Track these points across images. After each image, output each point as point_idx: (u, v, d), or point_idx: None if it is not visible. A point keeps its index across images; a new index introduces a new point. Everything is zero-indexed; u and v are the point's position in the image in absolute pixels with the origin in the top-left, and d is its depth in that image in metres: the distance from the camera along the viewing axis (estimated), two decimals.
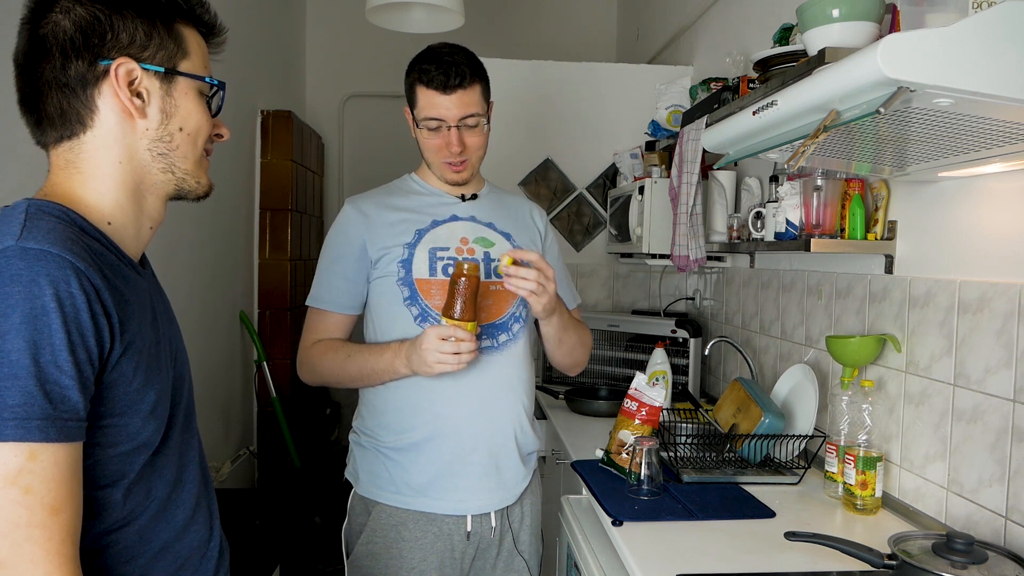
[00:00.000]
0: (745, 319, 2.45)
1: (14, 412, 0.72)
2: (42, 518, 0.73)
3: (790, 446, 1.80)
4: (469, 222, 1.63)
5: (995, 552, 1.14)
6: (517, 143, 3.15)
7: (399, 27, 2.53)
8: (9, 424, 0.72)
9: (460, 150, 1.55)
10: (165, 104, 0.91)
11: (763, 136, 1.33)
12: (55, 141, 0.90)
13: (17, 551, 0.72)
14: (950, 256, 1.47)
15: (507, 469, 1.59)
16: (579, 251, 3.26)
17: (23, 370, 0.73)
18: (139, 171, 0.91)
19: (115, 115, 0.89)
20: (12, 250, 0.76)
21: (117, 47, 0.87)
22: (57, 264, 0.77)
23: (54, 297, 0.76)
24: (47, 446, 0.74)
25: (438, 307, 1.53)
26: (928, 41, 0.92)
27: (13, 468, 0.72)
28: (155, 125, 0.91)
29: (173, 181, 0.94)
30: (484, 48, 1.89)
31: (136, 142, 0.90)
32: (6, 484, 0.72)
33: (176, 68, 0.91)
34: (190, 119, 0.93)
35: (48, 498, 0.74)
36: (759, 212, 1.90)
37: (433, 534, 1.54)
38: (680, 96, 2.91)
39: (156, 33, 0.89)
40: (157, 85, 0.90)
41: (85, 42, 0.86)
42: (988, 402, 1.35)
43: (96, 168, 0.89)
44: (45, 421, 0.74)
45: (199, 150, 0.96)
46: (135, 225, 0.93)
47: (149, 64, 0.89)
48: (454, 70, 1.51)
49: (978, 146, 1.15)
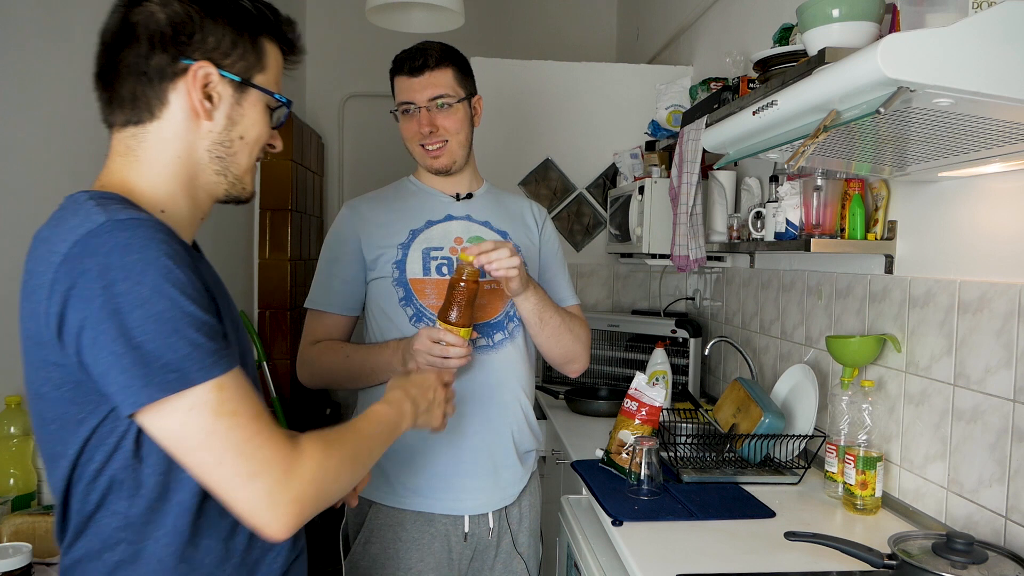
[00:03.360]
0: (745, 319, 2.45)
1: (191, 358, 0.80)
2: (254, 427, 0.84)
3: (790, 446, 1.80)
4: (464, 221, 1.63)
5: (995, 552, 1.14)
6: (517, 143, 3.15)
7: (399, 27, 2.53)
8: (190, 369, 0.80)
9: (430, 131, 1.56)
10: (233, 111, 0.95)
11: (763, 136, 1.33)
12: (121, 124, 0.93)
13: (255, 459, 0.83)
14: (950, 256, 1.47)
15: (504, 469, 1.59)
16: (579, 251, 3.26)
17: (179, 323, 0.80)
18: (194, 168, 0.95)
19: (183, 112, 0.92)
20: (108, 224, 0.81)
21: (202, 49, 0.91)
22: (152, 227, 0.83)
23: (167, 254, 0.82)
24: (226, 375, 0.83)
25: (433, 307, 1.53)
26: (928, 41, 0.92)
27: (214, 402, 0.82)
28: (219, 129, 0.94)
29: (224, 184, 0.98)
30: (484, 48, 1.89)
31: (197, 141, 0.94)
32: (216, 416, 0.82)
33: (251, 80, 0.95)
34: (252, 129, 0.97)
35: (250, 411, 0.84)
36: (759, 212, 1.90)
37: (430, 535, 1.54)
38: (680, 96, 2.91)
39: (241, 43, 0.93)
40: (230, 92, 0.94)
41: (174, 38, 0.89)
42: (988, 402, 1.35)
43: (155, 158, 0.92)
44: (214, 356, 0.82)
45: (253, 159, 0.99)
46: (188, 217, 0.97)
47: (227, 71, 0.93)
48: (420, 54, 1.55)
49: (978, 146, 1.15)
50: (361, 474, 0.99)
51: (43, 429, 0.89)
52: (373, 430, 1.02)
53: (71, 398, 0.84)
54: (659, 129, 2.92)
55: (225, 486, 0.83)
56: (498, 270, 1.41)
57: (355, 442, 0.97)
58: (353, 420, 1.02)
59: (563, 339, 1.61)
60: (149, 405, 0.80)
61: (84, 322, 0.80)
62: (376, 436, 1.03)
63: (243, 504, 0.84)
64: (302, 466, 0.86)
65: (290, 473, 0.85)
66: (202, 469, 0.84)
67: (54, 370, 0.84)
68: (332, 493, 0.91)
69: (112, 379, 0.80)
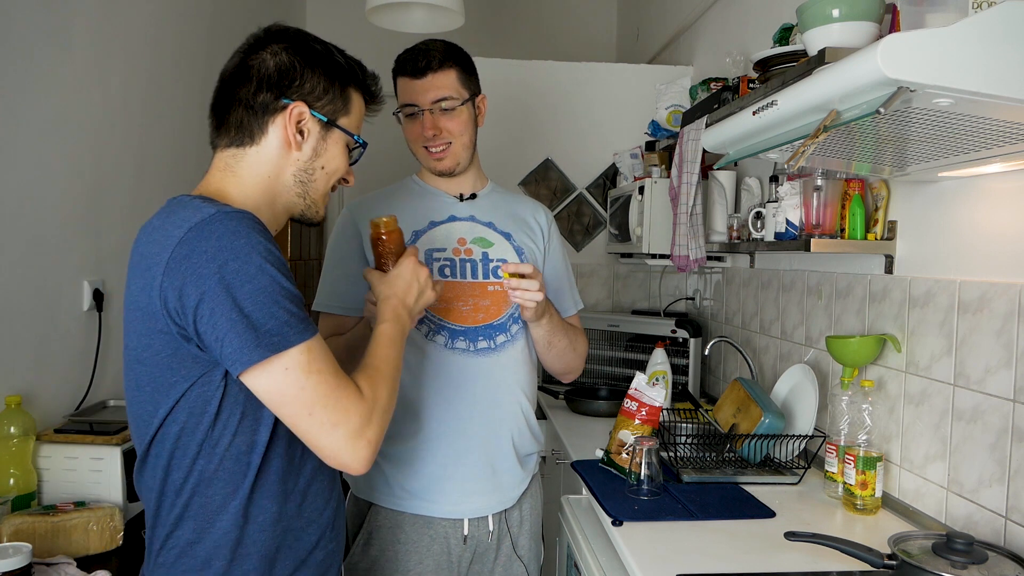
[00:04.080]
0: (745, 319, 2.45)
1: (288, 324, 0.97)
2: (336, 380, 1.01)
3: (790, 446, 1.80)
4: (468, 222, 1.62)
5: (995, 552, 1.14)
6: (517, 143, 3.15)
7: (399, 27, 2.53)
8: (289, 335, 0.97)
9: (433, 133, 1.54)
10: (318, 145, 1.13)
11: (763, 136, 1.33)
12: (225, 145, 1.11)
13: (338, 408, 1.00)
14: (950, 256, 1.47)
15: (504, 472, 1.58)
16: (579, 251, 3.26)
17: (278, 295, 0.97)
18: (279, 188, 1.13)
19: (278, 141, 1.10)
20: (219, 214, 0.98)
21: (299, 92, 1.10)
22: (252, 218, 1.00)
23: (267, 239, 0.99)
24: (313, 339, 1.00)
25: (435, 308, 1.53)
26: (928, 41, 0.92)
27: (304, 361, 0.98)
28: (305, 158, 1.13)
29: (301, 205, 1.15)
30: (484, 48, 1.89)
31: (286, 166, 1.12)
32: (308, 373, 0.98)
33: (336, 121, 1.14)
34: (332, 162, 1.15)
35: (331, 367, 1.01)
36: (759, 212, 1.90)
37: (430, 537, 1.54)
38: (680, 96, 2.91)
39: (332, 90, 1.13)
40: (317, 129, 1.12)
41: (279, 81, 1.09)
42: (988, 402, 1.35)
43: (249, 176, 1.11)
44: (304, 323, 0.99)
45: (328, 188, 1.18)
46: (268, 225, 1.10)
47: (317, 112, 1.12)
48: (424, 55, 1.54)
49: (978, 146, 1.15)
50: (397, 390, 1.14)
51: (138, 392, 1.04)
52: (391, 351, 1.16)
53: (168, 364, 1.00)
54: (659, 129, 2.92)
55: (315, 432, 1.00)
56: (518, 297, 1.46)
57: (386, 370, 1.12)
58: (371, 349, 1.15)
59: (566, 357, 1.66)
60: (257, 364, 0.96)
61: (202, 296, 0.95)
62: (395, 354, 1.16)
63: (328, 449, 1.01)
64: (370, 411, 1.03)
65: (364, 419, 1.02)
66: (296, 419, 1.00)
67: (158, 338, 0.99)
68: (388, 420, 1.08)
69: (228, 343, 0.95)
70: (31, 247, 1.72)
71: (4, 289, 1.63)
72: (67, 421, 1.73)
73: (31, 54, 1.71)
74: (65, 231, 1.85)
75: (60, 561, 1.39)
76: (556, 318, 1.60)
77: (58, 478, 1.60)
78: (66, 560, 1.39)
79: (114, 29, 2.06)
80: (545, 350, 1.63)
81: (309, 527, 1.12)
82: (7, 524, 1.43)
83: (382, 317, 1.21)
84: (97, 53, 1.98)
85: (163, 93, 2.38)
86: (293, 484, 1.09)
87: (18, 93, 1.67)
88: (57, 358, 1.81)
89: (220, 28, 2.84)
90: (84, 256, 1.92)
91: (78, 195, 1.90)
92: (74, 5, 1.87)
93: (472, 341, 1.54)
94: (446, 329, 1.53)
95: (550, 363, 1.68)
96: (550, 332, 1.58)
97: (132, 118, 2.18)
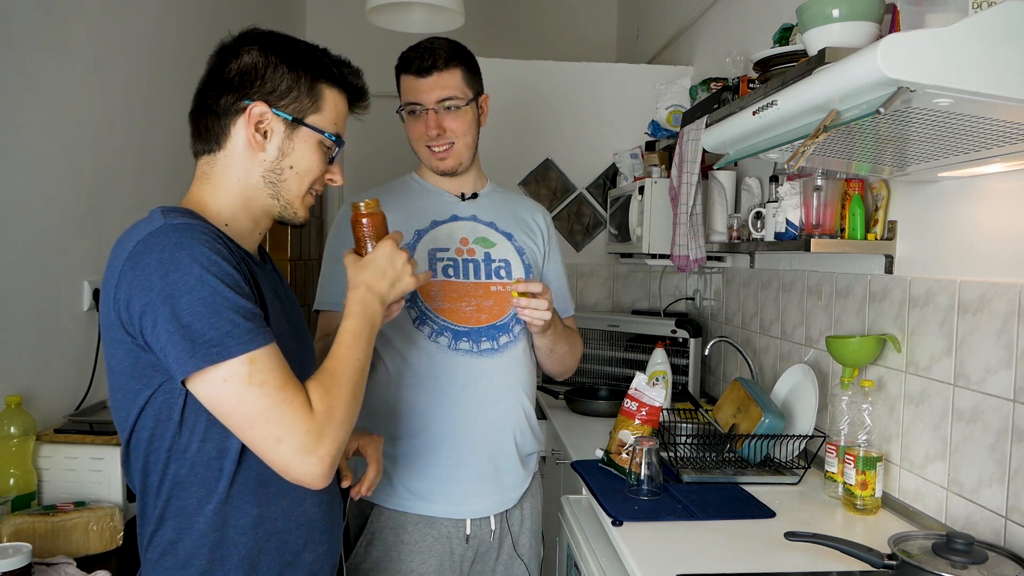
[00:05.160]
0: (745, 319, 2.45)
1: (229, 335, 0.95)
2: (281, 393, 0.98)
3: (790, 446, 1.80)
4: (470, 222, 1.62)
5: (995, 552, 1.14)
6: (517, 143, 3.15)
7: (399, 27, 2.53)
8: (229, 345, 0.95)
9: (437, 133, 1.54)
10: (284, 145, 1.11)
11: (763, 136, 1.33)
12: (200, 152, 1.13)
13: (281, 423, 0.97)
14: (950, 256, 1.47)
15: (506, 472, 1.58)
16: (579, 251, 3.26)
17: (221, 306, 0.96)
18: (251, 191, 1.12)
19: (242, 143, 1.10)
20: (164, 227, 0.99)
21: (261, 92, 1.08)
22: (200, 229, 1.00)
23: (213, 250, 0.98)
24: (259, 350, 0.97)
25: (438, 309, 1.53)
26: (928, 41, 0.92)
27: (245, 373, 0.96)
28: (271, 159, 1.11)
29: (277, 207, 1.14)
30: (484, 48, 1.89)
31: (253, 168, 1.11)
32: (248, 385, 0.96)
33: (303, 119, 1.11)
34: (302, 162, 1.12)
35: (277, 382, 0.98)
36: (759, 212, 1.90)
37: (432, 537, 1.54)
38: (680, 96, 2.91)
39: (297, 88, 1.10)
40: (282, 128, 1.10)
41: (240, 83, 1.09)
42: (988, 402, 1.35)
43: (222, 182, 1.11)
44: (249, 333, 0.97)
45: (304, 188, 1.14)
46: (248, 230, 1.14)
47: (280, 111, 1.09)
48: (429, 54, 1.53)
49: (978, 146, 1.15)
50: (362, 395, 1.10)
51: (113, 398, 1.06)
52: (353, 353, 1.10)
53: (131, 372, 1.01)
54: (659, 129, 2.92)
55: (259, 447, 0.99)
56: (526, 315, 1.48)
57: (345, 376, 1.07)
58: (332, 351, 1.10)
59: (565, 361, 1.69)
60: (195, 374, 0.95)
61: (145, 307, 0.96)
62: (357, 355, 1.11)
63: (277, 464, 0.99)
64: (321, 426, 1.00)
65: (313, 435, 0.99)
66: (239, 432, 0.99)
67: (119, 347, 1.01)
68: (347, 431, 1.04)
69: (168, 353, 0.96)
70: (31, 247, 1.72)
71: (4, 289, 1.63)
72: (67, 421, 1.73)
73: (31, 55, 1.71)
74: (65, 231, 1.85)
75: (60, 561, 1.39)
76: (559, 327, 1.61)
77: (58, 478, 1.60)
78: (66, 560, 1.39)
79: (114, 29, 2.06)
80: (546, 356, 1.65)
81: (297, 529, 1.11)
82: (7, 524, 1.43)
83: (348, 311, 1.15)
84: (97, 53, 1.98)
85: (163, 93, 2.38)
86: (276, 487, 1.08)
87: (18, 93, 1.67)
88: (57, 358, 1.81)
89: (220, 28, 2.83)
90: (84, 256, 1.92)
91: (78, 195, 1.90)
92: (74, 5, 1.87)
93: (475, 342, 1.54)
94: (449, 330, 1.53)
95: (549, 367, 1.70)
96: (553, 341, 1.60)
97: (132, 118, 2.18)
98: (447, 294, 1.54)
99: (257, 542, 1.07)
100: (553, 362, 1.67)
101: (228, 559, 1.05)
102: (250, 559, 1.06)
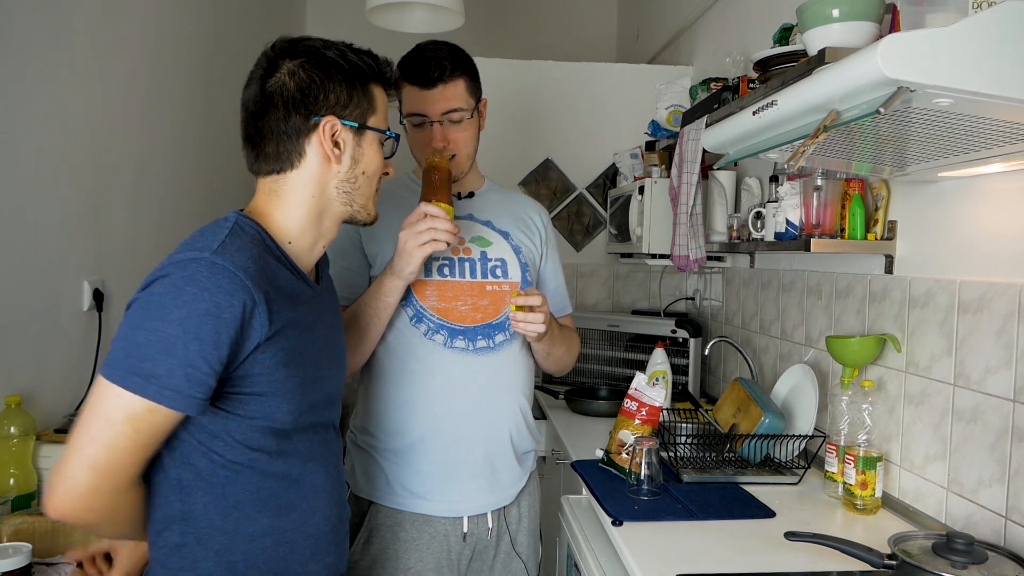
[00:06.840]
0: (745, 319, 2.45)
1: (160, 380, 0.94)
2: (136, 454, 0.98)
3: (790, 446, 1.80)
4: (466, 220, 1.62)
5: (995, 552, 1.15)
6: (517, 143, 3.15)
7: (399, 27, 2.53)
8: (152, 387, 0.94)
9: (443, 145, 1.54)
10: (355, 152, 1.13)
11: (763, 136, 1.33)
12: (266, 173, 1.12)
13: (115, 467, 0.96)
14: (950, 256, 1.47)
15: (503, 470, 1.58)
16: (579, 251, 3.26)
17: (176, 351, 0.94)
18: (325, 203, 1.14)
19: (317, 159, 1.11)
20: (205, 260, 0.98)
21: (326, 106, 1.09)
22: (231, 280, 0.98)
23: (216, 305, 0.96)
24: (164, 408, 0.96)
25: (433, 308, 1.53)
26: (928, 41, 0.92)
27: (136, 413, 0.95)
28: (345, 168, 1.13)
29: (350, 211, 1.16)
30: (484, 48, 1.89)
31: (328, 181, 1.13)
32: (125, 420, 0.95)
33: (366, 123, 1.14)
34: (371, 164, 1.16)
35: (145, 441, 0.98)
36: (759, 212, 1.90)
37: (429, 535, 1.54)
38: (680, 96, 2.91)
39: (355, 94, 1.11)
40: (351, 137, 1.12)
41: (304, 100, 1.08)
42: (988, 402, 1.35)
43: (293, 198, 1.12)
44: (176, 393, 0.95)
45: (374, 189, 1.18)
46: (311, 244, 1.15)
47: (347, 120, 1.11)
48: (434, 64, 1.51)
49: (978, 146, 1.15)
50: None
51: None
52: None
53: None
54: (659, 129, 2.92)
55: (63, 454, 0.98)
56: (521, 328, 1.48)
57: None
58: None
59: (562, 362, 1.70)
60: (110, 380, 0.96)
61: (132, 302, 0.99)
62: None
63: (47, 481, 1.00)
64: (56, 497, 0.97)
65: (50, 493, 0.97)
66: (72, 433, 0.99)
67: None
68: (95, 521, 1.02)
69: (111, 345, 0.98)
70: (31, 247, 1.72)
71: (4, 289, 1.63)
72: (67, 421, 1.73)
73: (31, 54, 1.71)
74: (65, 231, 1.85)
75: (60, 561, 1.39)
76: (556, 331, 1.61)
77: None
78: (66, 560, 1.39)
79: (114, 29, 2.06)
80: (543, 358, 1.66)
81: (305, 540, 1.12)
82: (7, 524, 1.43)
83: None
84: (97, 53, 1.98)
85: (164, 93, 2.38)
86: (288, 499, 1.09)
87: (18, 93, 1.67)
88: (57, 358, 1.81)
89: (221, 28, 2.84)
90: (84, 256, 1.92)
91: (78, 195, 1.90)
92: (74, 5, 1.87)
93: (471, 340, 1.54)
94: (445, 328, 1.53)
95: (546, 367, 1.71)
96: (550, 345, 1.61)
97: (133, 118, 2.18)
98: (443, 293, 1.54)
99: (264, 551, 1.08)
100: (550, 363, 1.68)
101: (235, 565, 1.06)
102: (256, 567, 1.07)
